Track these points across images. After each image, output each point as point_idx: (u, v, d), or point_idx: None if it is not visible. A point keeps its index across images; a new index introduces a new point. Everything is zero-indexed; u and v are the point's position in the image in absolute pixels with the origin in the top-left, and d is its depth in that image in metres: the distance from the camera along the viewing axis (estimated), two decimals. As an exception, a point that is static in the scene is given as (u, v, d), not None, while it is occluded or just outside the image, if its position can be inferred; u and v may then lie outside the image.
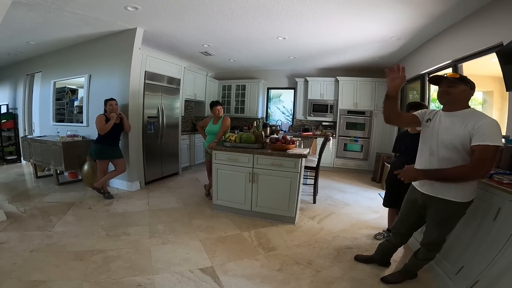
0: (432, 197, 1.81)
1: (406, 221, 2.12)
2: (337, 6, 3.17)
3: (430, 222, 1.91)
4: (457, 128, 1.66)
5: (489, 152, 1.52)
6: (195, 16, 3.63)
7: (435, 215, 1.84)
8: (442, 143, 1.73)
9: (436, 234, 1.88)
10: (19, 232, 2.78)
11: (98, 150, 3.88)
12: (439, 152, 1.75)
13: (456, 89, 1.69)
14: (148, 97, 4.59)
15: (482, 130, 1.54)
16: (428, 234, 1.94)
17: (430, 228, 1.91)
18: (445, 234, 1.89)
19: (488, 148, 1.51)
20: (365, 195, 4.68)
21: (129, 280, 2.08)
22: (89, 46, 4.72)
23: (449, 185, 1.71)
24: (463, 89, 1.68)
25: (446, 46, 3.64)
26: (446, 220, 1.81)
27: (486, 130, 1.53)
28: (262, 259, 2.50)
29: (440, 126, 1.77)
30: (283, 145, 3.28)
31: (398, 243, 2.28)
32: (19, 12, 3.34)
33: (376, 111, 6.20)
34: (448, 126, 1.72)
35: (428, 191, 1.84)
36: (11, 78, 6.78)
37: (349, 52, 5.20)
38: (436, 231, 1.87)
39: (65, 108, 5.33)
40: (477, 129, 1.55)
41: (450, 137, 1.68)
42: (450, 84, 1.71)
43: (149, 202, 3.90)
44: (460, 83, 1.68)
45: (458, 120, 1.68)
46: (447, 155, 1.71)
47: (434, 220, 1.86)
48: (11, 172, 5.44)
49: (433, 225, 1.89)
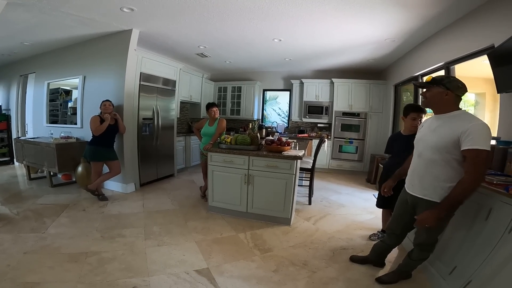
0: (419, 198, 1.83)
1: (400, 221, 2.13)
2: (332, 9, 3.20)
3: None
4: (442, 130, 1.68)
5: (481, 158, 1.52)
6: (191, 17, 3.64)
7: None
8: (428, 145, 1.76)
9: (426, 235, 1.90)
10: (13, 234, 2.75)
11: (93, 152, 3.85)
12: (425, 154, 1.78)
13: (430, 92, 1.74)
14: (143, 98, 4.57)
15: (471, 133, 1.54)
16: (419, 234, 1.96)
17: (420, 229, 1.92)
18: (435, 235, 1.90)
19: (479, 153, 1.52)
20: (360, 196, 4.71)
21: (124, 282, 2.07)
22: (84, 47, 4.69)
23: (434, 186, 1.73)
24: (437, 92, 1.70)
25: (439, 48, 3.69)
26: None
27: (475, 134, 1.53)
28: (258, 260, 2.51)
29: (429, 129, 1.81)
30: (279, 146, 3.29)
31: (392, 243, 2.30)
32: (13, 13, 3.31)
33: (370, 113, 6.26)
34: (435, 129, 1.75)
35: (414, 192, 1.87)
36: (5, 79, 6.70)
37: (344, 54, 5.25)
38: (426, 233, 1.88)
39: (59, 109, 5.28)
40: (466, 133, 1.55)
41: (436, 139, 1.71)
42: (426, 88, 1.78)
43: (144, 204, 3.88)
44: (432, 86, 1.72)
45: (445, 122, 1.70)
46: (431, 156, 1.73)
47: None
48: (3, 174, 5.36)
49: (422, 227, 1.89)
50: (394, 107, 5.71)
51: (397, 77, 5.40)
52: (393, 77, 5.65)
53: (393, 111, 5.70)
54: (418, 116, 2.52)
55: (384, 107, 6.12)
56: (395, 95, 5.70)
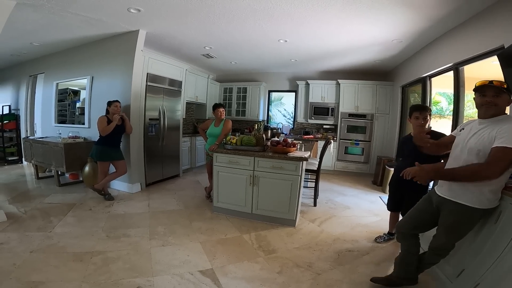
0: (446, 200, 1.78)
1: (416, 218, 2.02)
2: (338, 9, 3.18)
3: (441, 226, 1.86)
4: (483, 133, 1.63)
5: (506, 154, 1.48)
6: (197, 18, 3.66)
7: (446, 219, 1.80)
8: (467, 148, 1.69)
9: (445, 239, 1.84)
10: (19, 233, 2.78)
11: (100, 152, 3.89)
12: (461, 157, 1.72)
13: (501, 99, 1.60)
14: (150, 99, 4.60)
15: (503, 133, 1.50)
16: (438, 238, 1.89)
17: (440, 232, 1.87)
18: (455, 240, 1.84)
19: (506, 151, 1.48)
20: (366, 198, 4.66)
21: (128, 281, 2.08)
22: (92, 47, 4.74)
23: (465, 189, 1.68)
24: (506, 99, 1.62)
25: (447, 49, 3.64)
26: (456, 224, 1.76)
27: (507, 133, 1.49)
28: (262, 262, 2.50)
29: (469, 132, 1.74)
30: (284, 148, 3.28)
31: (411, 248, 2.07)
32: (23, 13, 3.36)
33: (377, 114, 6.20)
34: (476, 132, 1.68)
35: (443, 193, 1.81)
36: (14, 79, 6.81)
37: (351, 55, 5.21)
38: (446, 236, 1.82)
39: (67, 109, 5.35)
40: (500, 132, 1.52)
41: (475, 142, 1.65)
42: (496, 93, 1.60)
43: (149, 204, 3.90)
44: (505, 92, 1.60)
45: (488, 126, 1.63)
46: (467, 158, 1.68)
47: (444, 224, 1.82)
48: (12, 173, 5.45)
49: (443, 229, 1.84)
50: (401, 108, 5.65)
51: (404, 78, 5.35)
52: (400, 78, 5.59)
53: (401, 112, 5.64)
54: (421, 114, 2.48)
55: (391, 109, 6.06)
56: (403, 96, 5.64)
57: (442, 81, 4.14)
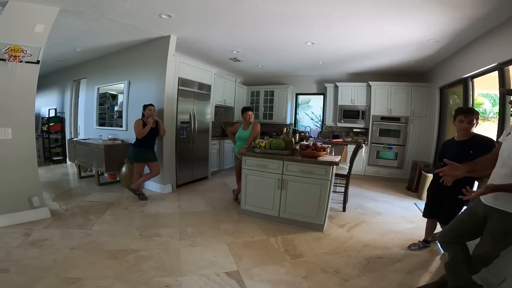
0: (494, 209, 1.68)
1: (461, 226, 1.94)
2: (368, 10, 3.09)
3: (487, 235, 1.75)
4: None
5: None
6: (224, 22, 3.74)
7: (493, 228, 1.70)
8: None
9: (489, 247, 1.73)
10: (61, 230, 2.99)
11: (136, 153, 4.10)
12: (508, 163, 1.62)
13: None
14: (181, 102, 4.76)
15: None
16: (481, 246, 1.79)
17: (485, 240, 1.76)
18: (499, 249, 1.71)
19: None
20: (399, 204, 4.45)
21: (158, 280, 2.16)
22: (128, 53, 5.00)
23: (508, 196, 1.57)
24: None
25: (490, 49, 3.39)
26: (504, 234, 1.65)
27: None
28: (288, 266, 2.48)
29: None
30: (314, 152, 3.24)
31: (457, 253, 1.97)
32: (66, 20, 3.59)
33: (412, 117, 5.90)
34: None
35: (489, 202, 1.71)
36: (59, 83, 7.33)
37: (382, 56, 5.03)
38: (490, 244, 1.72)
39: (106, 112, 5.71)
40: None
41: None
42: None
43: (179, 205, 4.03)
44: None
45: None
46: None
47: (491, 233, 1.71)
48: (56, 172, 5.91)
49: (489, 237, 1.73)
50: (440, 111, 5.32)
51: (442, 79, 5.03)
52: (438, 80, 5.27)
53: (439, 115, 5.31)
54: (465, 118, 2.36)
55: (428, 111, 5.72)
56: (441, 98, 5.31)
57: (484, 82, 3.85)
